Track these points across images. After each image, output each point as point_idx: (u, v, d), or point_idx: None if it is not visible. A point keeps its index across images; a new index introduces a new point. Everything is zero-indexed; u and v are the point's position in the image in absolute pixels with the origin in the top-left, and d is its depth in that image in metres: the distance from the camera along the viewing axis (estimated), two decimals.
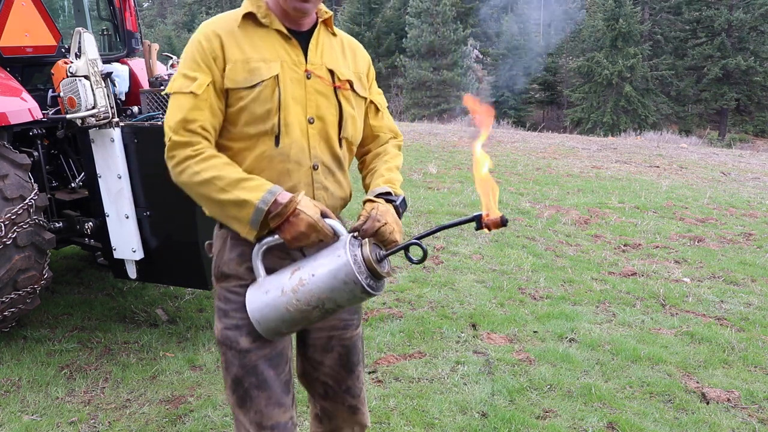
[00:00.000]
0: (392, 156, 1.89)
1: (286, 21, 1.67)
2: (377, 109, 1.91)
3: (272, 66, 1.61)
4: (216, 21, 1.67)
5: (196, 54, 1.61)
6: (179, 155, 1.61)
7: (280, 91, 1.61)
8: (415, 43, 36.01)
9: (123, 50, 4.89)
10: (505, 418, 3.18)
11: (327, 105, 1.68)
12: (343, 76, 1.72)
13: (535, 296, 4.94)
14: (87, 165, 3.66)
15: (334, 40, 1.78)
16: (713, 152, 16.17)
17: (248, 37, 1.63)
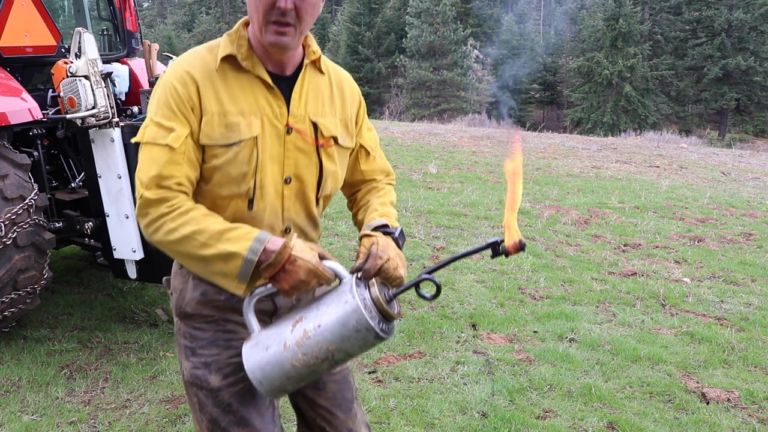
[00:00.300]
0: (386, 192, 1.76)
1: (269, 63, 1.50)
2: (367, 152, 1.75)
3: (252, 123, 1.46)
4: (192, 60, 1.48)
5: (171, 100, 1.43)
6: (153, 213, 1.41)
7: (258, 153, 1.47)
8: (415, 43, 36.02)
9: (123, 50, 4.89)
10: (505, 418, 3.18)
11: (307, 163, 1.54)
12: (328, 132, 1.56)
13: (535, 296, 4.94)
14: (87, 165, 3.66)
15: (321, 80, 1.60)
16: (713, 152, 16.17)
17: (227, 83, 1.47)
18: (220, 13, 48.92)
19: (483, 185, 9.01)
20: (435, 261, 5.67)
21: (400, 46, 38.33)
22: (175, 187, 1.42)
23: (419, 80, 36.00)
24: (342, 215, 6.99)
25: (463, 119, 24.53)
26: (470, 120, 24.01)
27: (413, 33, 36.11)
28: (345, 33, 41.04)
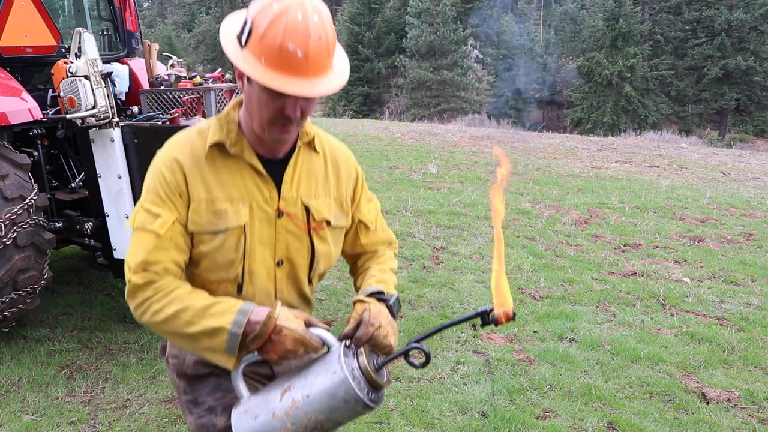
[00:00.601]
0: (386, 258, 1.73)
1: (261, 147, 1.48)
2: (367, 227, 1.72)
3: (240, 210, 1.45)
4: (181, 146, 1.47)
5: (159, 187, 1.43)
6: (140, 297, 1.45)
7: (246, 240, 1.46)
8: (415, 43, 36.02)
9: (123, 50, 4.89)
10: (505, 418, 3.18)
11: (298, 246, 1.53)
12: (320, 216, 1.54)
13: (535, 296, 4.94)
14: (87, 165, 3.66)
15: (316, 159, 1.57)
16: (713, 152, 16.17)
17: (215, 170, 1.45)
18: (220, 13, 48.86)
19: (483, 185, 9.01)
20: (434, 261, 5.67)
21: (400, 46, 38.32)
22: (162, 272, 1.42)
23: (419, 80, 35.99)
24: None
25: (463, 119, 24.53)
26: (470, 120, 24.01)
27: (413, 33, 36.10)
28: (345, 33, 41.03)
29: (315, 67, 1.34)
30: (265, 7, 1.32)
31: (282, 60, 1.30)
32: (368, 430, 3.12)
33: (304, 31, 1.30)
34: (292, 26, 1.29)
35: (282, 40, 1.29)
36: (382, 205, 7.44)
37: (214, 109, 3.74)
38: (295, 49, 1.30)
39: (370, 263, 1.71)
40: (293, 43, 1.29)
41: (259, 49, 1.31)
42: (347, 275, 5.18)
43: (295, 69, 1.31)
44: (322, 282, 5.01)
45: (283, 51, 1.30)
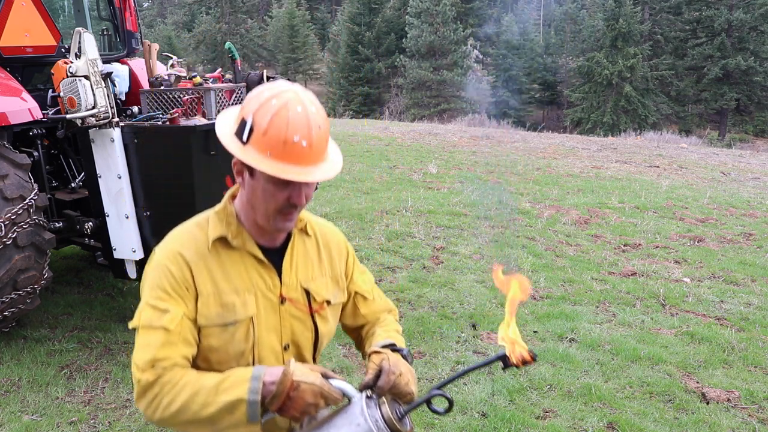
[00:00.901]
0: (390, 321, 1.76)
1: (260, 237, 1.52)
2: (364, 297, 1.75)
3: (247, 301, 1.48)
4: (183, 241, 1.50)
5: (165, 282, 1.44)
6: (149, 395, 1.39)
7: (254, 330, 1.49)
8: (415, 43, 36.02)
9: (123, 50, 4.89)
10: (505, 418, 3.18)
11: (302, 330, 1.57)
12: (320, 297, 1.59)
13: (535, 296, 4.94)
14: (87, 165, 3.66)
15: (309, 243, 1.63)
16: (713, 152, 16.17)
17: (219, 263, 1.48)
18: (220, 13, 48.90)
19: (483, 185, 9.01)
20: (435, 261, 5.67)
21: (400, 46, 38.32)
22: (170, 367, 1.41)
23: (419, 80, 35.99)
24: (341, 215, 7.00)
25: (463, 119, 24.53)
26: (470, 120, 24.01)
27: (413, 33, 36.10)
28: (345, 33, 41.03)
29: (317, 155, 1.41)
30: (263, 104, 1.38)
31: (287, 151, 1.36)
32: None
33: (306, 122, 1.37)
34: (294, 119, 1.36)
35: (287, 133, 1.35)
36: (382, 205, 7.47)
37: (214, 109, 3.74)
38: (300, 140, 1.36)
39: (375, 328, 1.73)
40: (298, 135, 1.36)
41: (264, 143, 1.36)
42: None
43: (301, 158, 1.37)
44: None
45: (288, 143, 1.35)
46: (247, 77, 4.17)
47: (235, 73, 4.15)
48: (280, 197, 1.41)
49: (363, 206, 7.43)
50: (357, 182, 8.90)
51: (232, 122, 1.45)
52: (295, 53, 46.61)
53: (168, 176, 3.57)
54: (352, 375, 3.63)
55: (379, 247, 5.99)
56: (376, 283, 1.85)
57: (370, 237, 6.28)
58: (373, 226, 6.64)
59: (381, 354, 1.54)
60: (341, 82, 40.24)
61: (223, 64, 36.70)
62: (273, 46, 49.95)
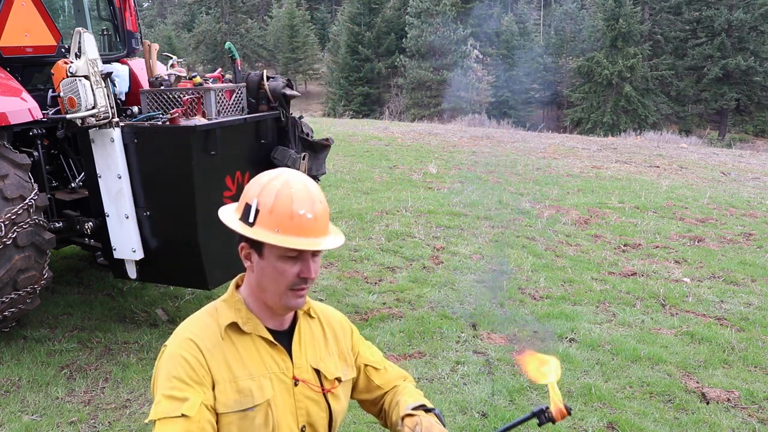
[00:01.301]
0: (411, 389, 1.76)
1: (269, 322, 1.56)
2: (375, 368, 1.77)
3: (263, 385, 1.49)
4: (195, 330, 1.52)
5: (181, 371, 1.43)
6: None
7: (273, 413, 1.50)
8: (415, 43, 36.01)
9: (123, 50, 4.89)
10: (505, 418, 3.18)
11: (317, 410, 1.59)
12: (331, 375, 1.62)
13: (535, 296, 4.94)
14: (87, 165, 3.66)
15: (313, 325, 1.67)
16: (713, 152, 16.17)
17: (233, 349, 1.50)
18: (220, 13, 48.88)
19: (483, 185, 9.01)
20: (435, 261, 5.66)
21: (400, 46, 38.31)
22: None
23: (419, 80, 35.99)
24: (342, 215, 7.00)
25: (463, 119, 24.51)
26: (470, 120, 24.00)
27: (413, 33, 36.09)
28: (345, 33, 41.03)
29: (322, 227, 1.48)
30: (264, 185, 1.46)
31: (295, 225, 1.43)
32: (368, 430, 3.12)
33: (309, 197, 1.46)
34: (298, 194, 1.45)
35: (293, 207, 1.43)
36: (382, 205, 7.48)
37: (214, 109, 3.74)
38: (305, 213, 1.43)
39: (398, 397, 1.73)
40: (303, 209, 1.43)
41: (272, 221, 1.43)
42: (347, 275, 5.19)
43: (308, 231, 1.44)
44: (323, 282, 5.01)
45: (294, 217, 1.42)
46: (247, 77, 4.18)
47: (235, 73, 4.15)
48: (291, 273, 1.46)
49: (363, 206, 7.43)
50: (357, 182, 8.90)
51: (234, 211, 1.52)
52: (295, 53, 46.60)
53: (168, 176, 3.57)
54: None
55: (379, 247, 5.99)
56: (376, 284, 1.86)
57: (370, 237, 6.28)
58: (373, 226, 6.64)
59: (414, 417, 1.57)
60: (341, 82, 40.24)
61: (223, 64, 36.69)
62: (273, 46, 49.95)
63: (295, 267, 1.46)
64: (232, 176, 3.80)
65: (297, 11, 47.38)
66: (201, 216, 3.53)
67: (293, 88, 4.30)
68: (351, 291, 4.85)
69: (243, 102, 4.04)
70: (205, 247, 3.60)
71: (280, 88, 4.13)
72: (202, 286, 3.90)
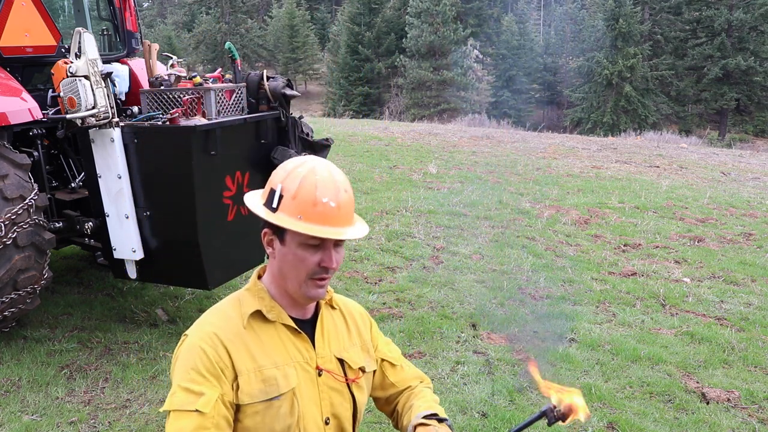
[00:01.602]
0: (427, 393, 1.74)
1: (292, 310, 1.54)
2: (392, 364, 1.76)
3: (288, 374, 1.48)
4: (217, 322, 1.49)
5: (200, 364, 1.41)
6: None
7: (298, 403, 1.48)
8: (415, 43, 36.02)
9: (123, 50, 4.89)
10: (505, 418, 3.18)
11: (341, 401, 1.57)
12: (356, 364, 1.61)
13: (535, 296, 4.94)
14: (87, 165, 3.66)
15: (336, 315, 1.66)
16: (713, 152, 16.16)
17: (256, 338, 1.48)
18: (220, 13, 48.88)
19: (483, 185, 9.01)
20: (435, 261, 5.66)
21: (400, 46, 38.31)
22: None
23: (419, 80, 35.99)
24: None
25: (463, 119, 24.51)
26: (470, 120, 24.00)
27: (413, 33, 36.09)
28: (345, 33, 41.03)
29: (346, 217, 1.45)
30: (290, 171, 1.45)
31: (317, 213, 1.40)
32: (368, 430, 3.12)
33: (334, 185, 1.43)
34: (323, 182, 1.42)
35: (316, 194, 1.41)
36: (382, 205, 7.47)
37: (214, 109, 3.74)
38: (329, 202, 1.41)
39: (413, 400, 1.71)
40: (327, 197, 1.41)
41: (294, 207, 1.41)
42: (347, 275, 5.18)
43: (331, 219, 1.42)
44: None
45: (317, 204, 1.40)
46: (247, 77, 4.18)
47: (235, 73, 4.15)
48: (312, 261, 1.44)
49: (363, 206, 7.43)
50: (357, 182, 8.90)
51: (259, 196, 1.51)
52: (295, 53, 46.61)
53: (168, 176, 3.57)
54: None
55: (379, 247, 5.99)
56: (376, 284, 1.86)
57: (370, 237, 6.28)
58: (373, 226, 6.64)
59: (427, 426, 1.55)
60: (341, 82, 40.24)
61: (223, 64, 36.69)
62: (273, 46, 49.95)
63: (316, 255, 1.44)
64: (232, 176, 3.80)
65: (297, 11, 47.39)
66: (201, 216, 3.53)
67: (293, 88, 4.30)
68: (351, 291, 4.85)
69: (243, 102, 4.04)
70: (205, 247, 3.60)
71: (280, 88, 4.13)
72: (202, 286, 3.90)
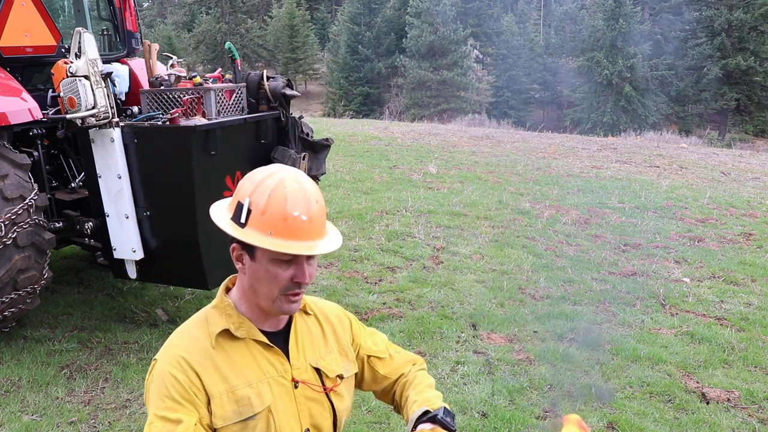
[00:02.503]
0: (420, 379, 1.71)
1: (263, 324, 1.49)
2: (380, 358, 1.71)
3: (262, 391, 1.44)
4: (185, 345, 1.44)
5: (173, 390, 1.37)
6: None
7: (274, 420, 1.45)
8: (415, 43, 36.01)
9: (123, 50, 4.89)
10: (505, 418, 3.18)
11: (320, 410, 1.53)
12: (332, 373, 1.56)
13: (535, 296, 4.93)
14: (87, 165, 3.67)
15: (310, 321, 1.60)
16: (713, 152, 16.16)
17: (227, 357, 1.43)
18: (220, 13, 48.86)
19: (483, 185, 9.01)
20: (435, 261, 5.66)
21: (400, 46, 38.31)
22: None
23: (419, 80, 35.98)
24: (342, 215, 6.99)
25: (463, 119, 24.51)
26: (470, 120, 24.00)
27: (413, 33, 36.09)
28: (345, 33, 41.03)
29: (318, 229, 1.40)
30: (258, 184, 1.38)
31: (288, 227, 1.35)
32: (368, 430, 3.12)
33: (304, 197, 1.37)
34: (292, 194, 1.36)
35: (287, 208, 1.35)
36: (382, 205, 7.47)
37: (214, 109, 3.74)
38: (300, 215, 1.36)
39: (408, 391, 1.68)
40: (297, 210, 1.36)
41: (264, 222, 1.35)
42: (347, 275, 5.18)
43: (302, 233, 1.37)
44: (322, 282, 5.01)
45: (288, 219, 1.35)
46: (247, 77, 4.18)
47: (235, 73, 4.15)
48: (284, 277, 1.39)
49: (363, 206, 7.43)
50: (357, 182, 8.90)
51: (226, 209, 1.44)
52: (295, 53, 46.60)
53: (168, 176, 3.57)
54: None
55: (379, 247, 5.99)
56: (376, 284, 1.84)
57: (370, 237, 6.28)
58: (373, 226, 6.64)
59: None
60: (341, 82, 40.25)
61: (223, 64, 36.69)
62: (273, 46, 49.93)
63: (288, 271, 1.39)
64: (232, 176, 3.81)
65: (297, 11, 47.37)
66: (201, 216, 3.53)
67: (293, 88, 4.30)
68: (351, 291, 4.85)
69: (243, 102, 4.04)
70: (205, 247, 3.60)
71: (280, 88, 4.13)
72: (202, 286, 3.90)
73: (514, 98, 39.09)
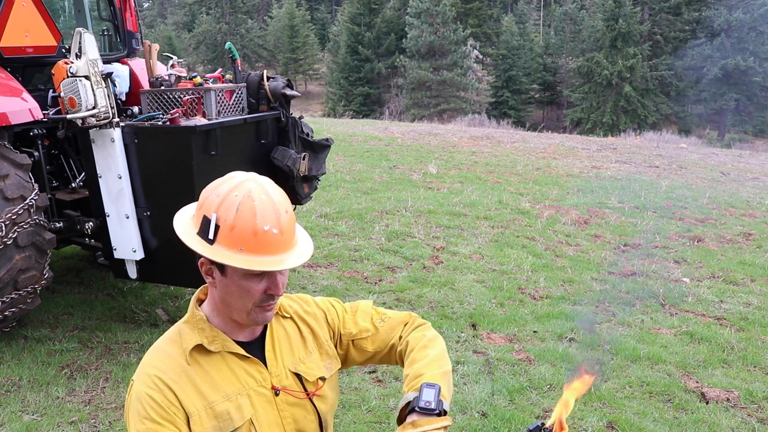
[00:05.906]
0: (414, 344, 1.60)
1: (238, 335, 1.46)
2: (364, 337, 1.64)
3: (241, 404, 1.40)
4: (159, 365, 1.39)
5: (151, 411, 1.34)
6: None
7: (256, 431, 1.42)
8: (415, 43, 36.01)
9: (123, 50, 4.90)
10: (505, 418, 3.18)
11: (304, 414, 1.50)
12: (313, 376, 1.53)
13: (535, 296, 4.94)
14: (87, 165, 3.67)
15: (287, 324, 1.56)
16: (713, 152, 16.17)
17: (204, 372, 1.40)
18: (220, 13, 48.88)
19: (483, 185, 9.02)
20: (435, 261, 5.67)
21: (400, 46, 38.31)
22: None
23: (419, 80, 35.98)
24: (342, 215, 7.00)
25: (463, 119, 24.51)
26: (470, 120, 24.00)
27: (413, 33, 36.08)
28: (345, 33, 41.04)
29: (289, 240, 1.37)
30: (224, 197, 1.32)
31: (259, 242, 1.31)
32: (368, 430, 3.12)
33: (273, 209, 1.33)
34: (261, 207, 1.31)
35: (256, 222, 1.30)
36: (382, 205, 7.48)
37: (214, 109, 3.74)
38: (271, 229, 1.32)
39: (405, 359, 1.60)
40: (268, 224, 1.31)
41: (233, 239, 1.31)
42: (347, 275, 5.19)
43: (273, 247, 1.33)
44: (322, 282, 5.01)
45: (258, 234, 1.31)
46: (247, 77, 4.18)
47: (236, 74, 4.16)
48: (257, 291, 1.36)
49: (363, 206, 7.44)
50: (357, 182, 8.90)
51: (190, 222, 1.39)
52: (295, 53, 46.62)
53: (168, 176, 3.58)
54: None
55: (379, 247, 5.99)
56: (376, 284, 1.81)
57: (370, 237, 6.28)
58: (373, 226, 6.64)
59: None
60: (341, 82, 40.25)
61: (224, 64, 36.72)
62: (273, 46, 49.95)
63: (261, 284, 1.36)
64: None
65: (297, 11, 47.40)
66: None
67: (293, 88, 4.31)
68: (351, 291, 4.86)
69: (243, 102, 4.05)
70: None
71: (280, 88, 4.13)
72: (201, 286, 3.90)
73: (514, 98, 39.10)
